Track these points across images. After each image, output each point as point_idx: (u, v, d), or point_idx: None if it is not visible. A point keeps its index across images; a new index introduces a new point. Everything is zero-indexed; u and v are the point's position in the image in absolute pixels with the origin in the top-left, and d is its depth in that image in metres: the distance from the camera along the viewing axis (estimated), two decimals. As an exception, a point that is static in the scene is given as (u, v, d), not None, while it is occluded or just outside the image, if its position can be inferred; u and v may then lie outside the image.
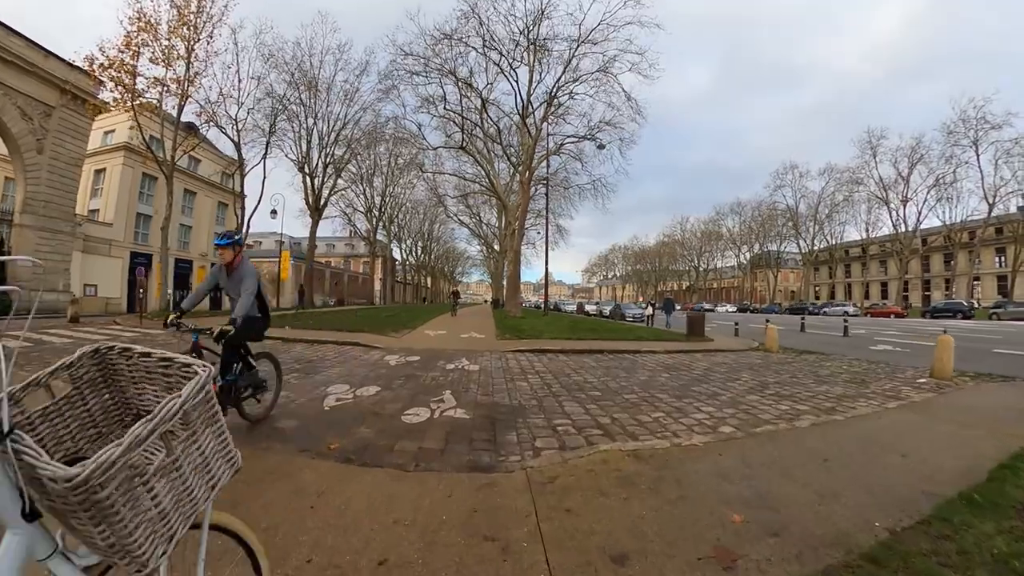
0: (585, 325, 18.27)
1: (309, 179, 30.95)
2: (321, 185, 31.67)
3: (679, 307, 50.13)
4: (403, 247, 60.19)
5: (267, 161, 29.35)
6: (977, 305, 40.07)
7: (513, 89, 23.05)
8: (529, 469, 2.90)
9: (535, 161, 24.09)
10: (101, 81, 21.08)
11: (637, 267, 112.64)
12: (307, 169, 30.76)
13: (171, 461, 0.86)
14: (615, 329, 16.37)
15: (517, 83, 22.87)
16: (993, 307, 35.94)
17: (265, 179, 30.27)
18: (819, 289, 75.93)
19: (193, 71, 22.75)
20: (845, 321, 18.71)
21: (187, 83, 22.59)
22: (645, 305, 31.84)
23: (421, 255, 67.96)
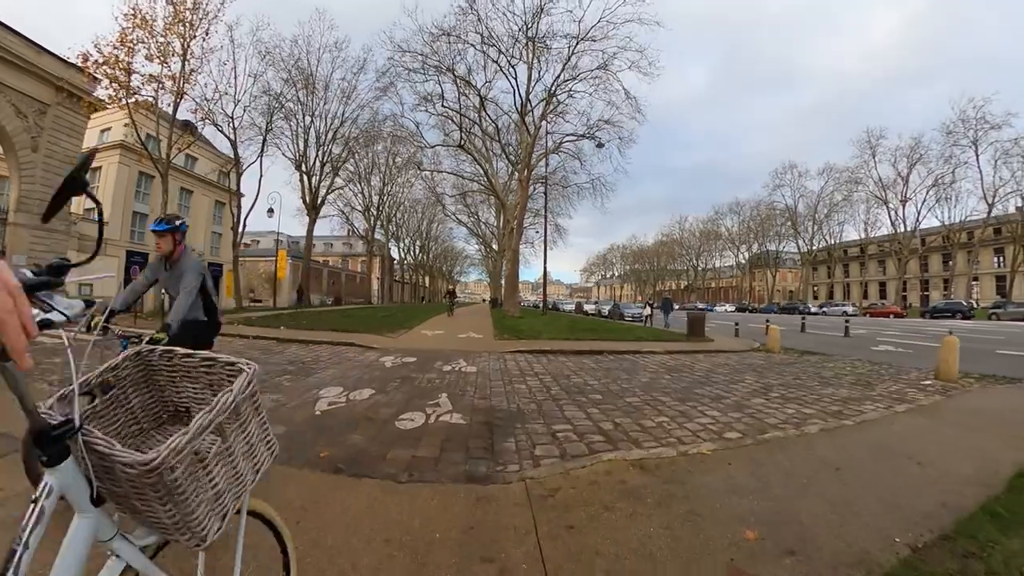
0: (584, 325, 18.15)
1: (306, 178, 30.75)
2: (319, 184, 31.47)
3: (677, 307, 50.23)
4: (401, 246, 60.06)
5: (264, 159, 29.21)
6: (976, 305, 40.06)
7: (512, 87, 22.91)
8: (528, 480, 2.73)
9: (534, 160, 23.93)
10: (96, 78, 20.88)
11: (635, 267, 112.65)
12: (304, 167, 30.56)
13: (225, 448, 0.95)
14: (614, 329, 16.26)
15: (516, 81, 22.73)
16: (992, 307, 35.93)
17: (262, 177, 30.13)
18: (817, 289, 75.95)
19: (189, 68, 22.58)
20: (846, 321, 18.61)
21: (183, 80, 22.41)
22: (643, 305, 31.61)
23: (419, 254, 67.78)
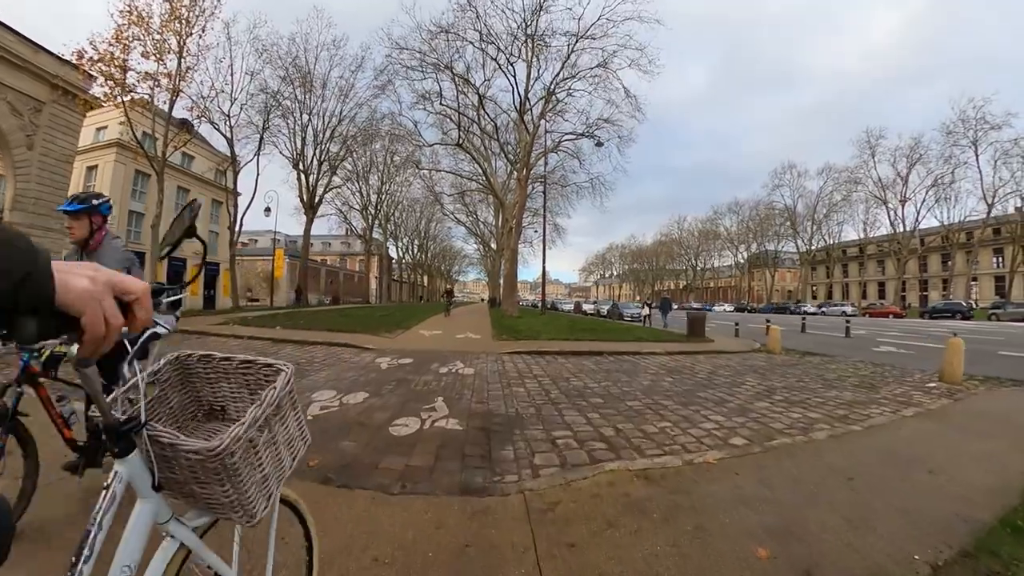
0: (583, 325, 18.02)
1: (304, 176, 30.56)
2: (316, 182, 31.28)
3: (676, 306, 50.18)
4: (399, 245, 59.91)
5: (261, 158, 29.00)
6: (975, 306, 40.05)
7: (511, 85, 22.74)
8: (527, 493, 2.58)
9: (533, 158, 23.78)
10: (91, 75, 20.67)
11: (634, 266, 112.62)
12: (302, 166, 30.37)
13: (270, 437, 1.05)
14: (613, 329, 16.13)
15: (515, 79, 22.57)
16: (992, 308, 35.91)
17: (259, 176, 29.83)
18: (816, 289, 75.94)
19: (185, 66, 22.38)
20: (847, 322, 18.51)
21: (178, 78, 22.20)
22: (641, 305, 31.44)
23: (417, 253, 67.61)
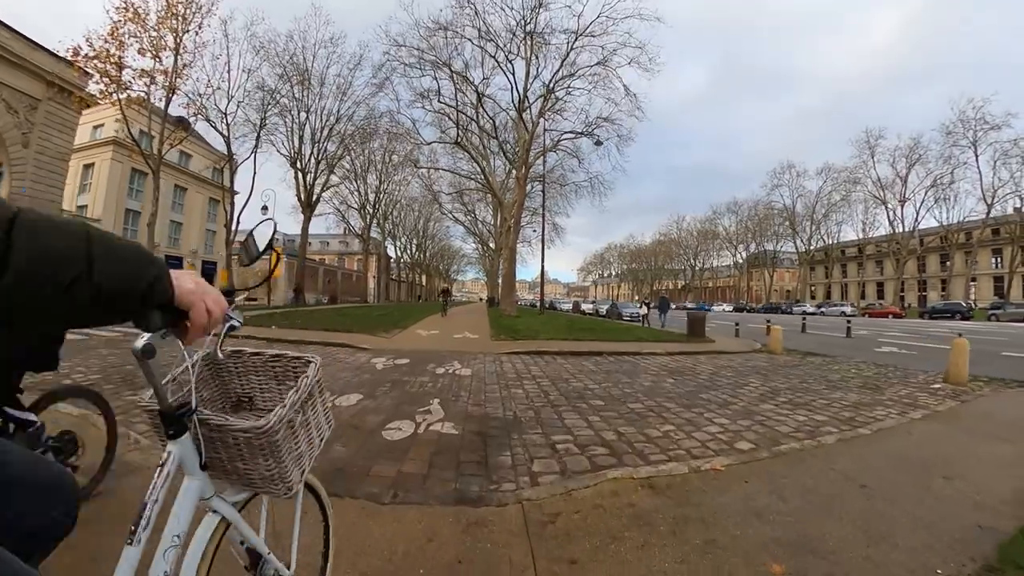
0: (582, 325, 17.89)
1: (301, 175, 30.34)
2: (313, 181, 31.07)
3: (674, 306, 50.22)
4: (398, 244, 59.66)
5: (258, 156, 28.79)
6: (974, 306, 40.02)
7: (510, 83, 22.61)
8: (526, 503, 2.43)
9: (531, 157, 23.64)
10: (86, 72, 20.46)
11: (633, 266, 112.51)
12: (299, 164, 30.16)
13: (303, 419, 1.13)
14: (613, 329, 16.00)
15: (513, 77, 22.45)
16: (991, 308, 35.90)
17: (255, 174, 29.52)
18: (815, 289, 75.94)
19: (181, 63, 22.18)
20: (848, 322, 18.41)
21: (175, 75, 21.99)
22: (640, 304, 31.35)
23: (416, 253, 67.40)
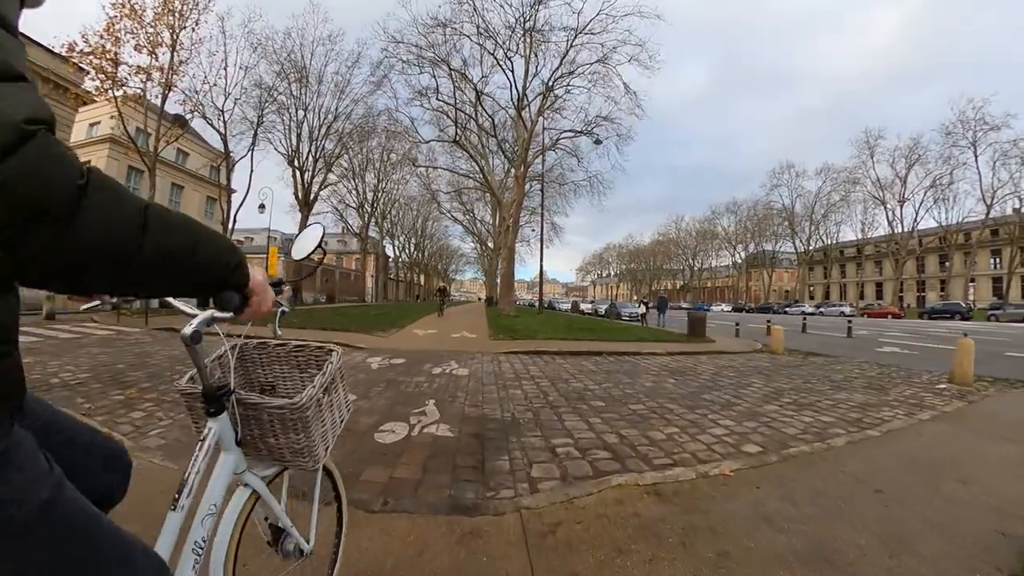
0: (581, 324, 17.76)
1: (299, 173, 30.10)
2: (311, 179, 30.83)
3: (671, 306, 50.27)
4: (396, 244, 59.43)
5: (256, 154, 28.51)
6: (973, 307, 40.01)
7: (509, 81, 22.46)
8: (524, 512, 2.28)
9: (530, 156, 23.50)
10: (82, 68, 20.23)
11: (631, 266, 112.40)
12: (297, 163, 29.92)
13: (328, 400, 1.26)
14: (612, 329, 15.87)
15: (512, 74, 22.29)
16: (991, 308, 35.88)
17: (252, 172, 29.18)
18: (813, 289, 75.91)
19: (178, 59, 21.93)
20: (849, 322, 18.33)
21: (171, 72, 21.77)
22: (638, 304, 31.33)
23: (414, 252, 67.17)
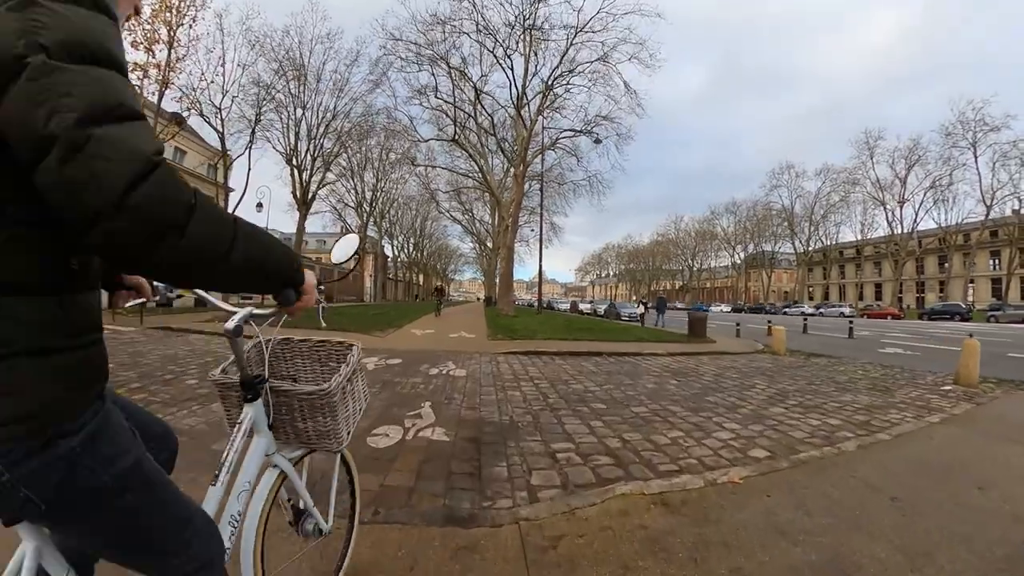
0: (580, 324, 17.64)
1: (297, 172, 29.93)
2: (309, 178, 30.66)
3: (671, 306, 50.33)
4: (395, 243, 59.27)
5: (254, 153, 28.29)
6: (972, 307, 39.98)
7: (508, 79, 22.32)
8: (523, 523, 2.13)
9: (529, 155, 23.37)
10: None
11: (631, 266, 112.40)
12: (295, 161, 29.74)
13: (352, 388, 1.37)
14: (611, 329, 15.75)
15: (512, 73, 22.15)
16: (991, 309, 35.85)
17: (250, 171, 29.00)
18: (813, 290, 75.91)
19: (175, 57, 21.76)
20: (850, 323, 18.28)
21: (168, 69, 21.59)
22: (637, 304, 31.29)
23: (413, 252, 67.01)
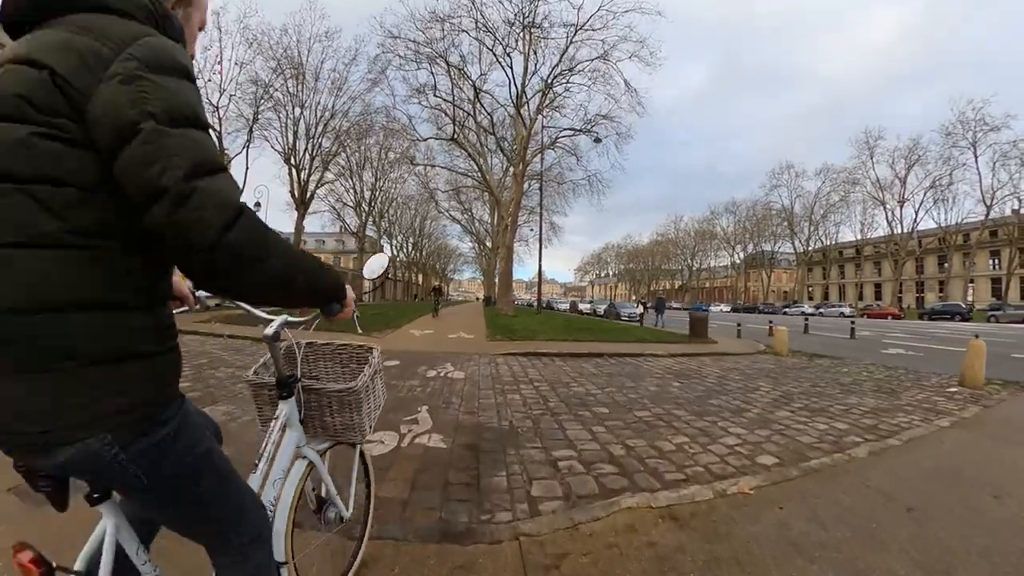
0: (580, 325, 17.53)
1: (295, 171, 29.78)
2: (308, 178, 30.51)
3: (671, 306, 50.33)
4: (394, 243, 59.11)
5: (251, 152, 28.16)
6: (972, 307, 39.93)
7: (508, 77, 22.18)
8: (524, 539, 2.01)
9: (529, 154, 23.24)
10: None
11: (630, 266, 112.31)
12: (293, 160, 29.59)
13: (373, 387, 1.47)
14: (611, 329, 15.64)
15: (512, 71, 22.01)
16: (991, 309, 35.78)
17: (248, 170, 28.88)
18: (812, 290, 75.86)
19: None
20: (852, 323, 18.21)
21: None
22: (636, 304, 31.21)
23: (412, 252, 66.84)
